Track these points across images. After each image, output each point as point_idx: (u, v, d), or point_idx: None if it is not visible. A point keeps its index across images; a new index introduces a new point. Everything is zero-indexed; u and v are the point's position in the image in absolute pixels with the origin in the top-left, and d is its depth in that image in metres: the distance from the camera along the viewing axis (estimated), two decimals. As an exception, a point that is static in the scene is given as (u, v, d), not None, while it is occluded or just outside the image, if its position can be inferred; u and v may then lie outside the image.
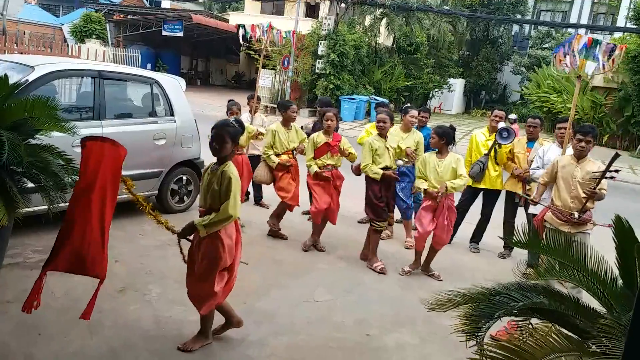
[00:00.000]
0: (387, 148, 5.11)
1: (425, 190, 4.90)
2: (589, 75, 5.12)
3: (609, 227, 3.87)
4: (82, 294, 2.79)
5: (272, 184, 5.67)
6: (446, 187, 4.77)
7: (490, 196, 6.00)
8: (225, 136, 3.14)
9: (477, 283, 2.49)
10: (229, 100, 6.27)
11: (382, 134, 5.12)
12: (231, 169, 3.12)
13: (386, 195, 5.13)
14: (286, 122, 5.63)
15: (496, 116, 5.97)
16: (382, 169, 5.03)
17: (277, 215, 5.64)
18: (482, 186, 5.90)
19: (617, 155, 3.72)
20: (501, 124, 5.96)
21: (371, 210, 5.10)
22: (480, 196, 6.06)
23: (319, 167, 5.29)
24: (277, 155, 5.54)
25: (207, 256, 3.10)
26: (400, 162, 5.75)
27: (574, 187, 4.14)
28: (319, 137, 5.34)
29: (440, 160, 4.88)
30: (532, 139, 5.75)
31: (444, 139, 4.86)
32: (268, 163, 5.57)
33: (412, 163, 5.58)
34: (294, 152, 5.66)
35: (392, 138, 5.67)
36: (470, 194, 5.98)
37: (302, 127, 6.65)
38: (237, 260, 3.27)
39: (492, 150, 5.84)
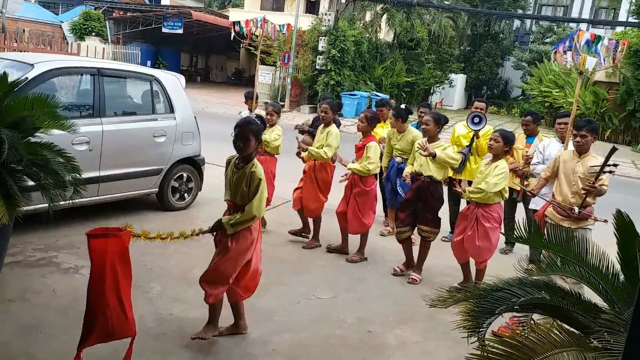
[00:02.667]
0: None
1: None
2: (589, 70, 5.10)
3: (605, 222, 3.88)
4: (84, 293, 2.81)
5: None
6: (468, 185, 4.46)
7: None
8: (249, 134, 3.17)
9: (479, 279, 2.48)
10: (266, 103, 6.18)
11: (428, 136, 4.82)
12: (259, 170, 3.19)
13: (415, 205, 4.80)
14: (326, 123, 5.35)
15: (477, 108, 5.93)
16: (416, 174, 4.80)
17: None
18: (462, 177, 5.79)
19: (614, 150, 3.71)
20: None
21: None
22: None
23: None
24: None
25: (240, 246, 3.20)
26: (398, 159, 5.72)
27: (575, 182, 4.12)
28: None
29: (489, 166, 4.42)
30: (530, 135, 5.75)
31: (507, 145, 4.37)
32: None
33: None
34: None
35: (390, 138, 5.80)
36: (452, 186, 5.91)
37: (301, 124, 6.63)
38: (255, 257, 3.34)
39: (472, 142, 5.76)
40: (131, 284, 2.87)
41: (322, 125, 5.37)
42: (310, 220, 5.51)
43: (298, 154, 5.53)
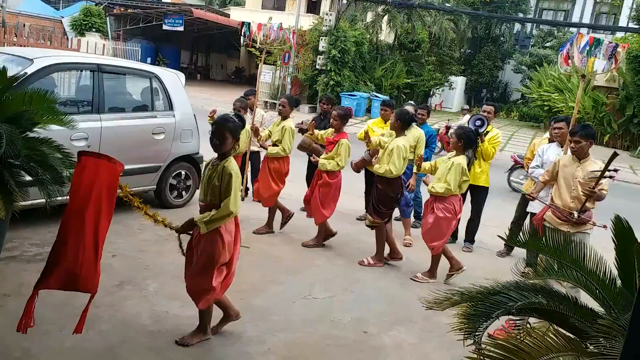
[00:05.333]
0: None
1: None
2: (597, 72, 5.11)
3: (605, 227, 3.87)
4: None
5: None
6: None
7: (476, 192, 5.92)
8: (225, 132, 3.12)
9: (476, 282, 2.48)
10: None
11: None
12: (232, 165, 3.12)
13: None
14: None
15: (485, 111, 5.89)
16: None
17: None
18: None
19: (615, 155, 3.72)
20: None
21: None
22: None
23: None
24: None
25: (206, 251, 3.11)
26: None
27: (574, 187, 4.12)
28: (326, 134, 5.41)
29: (449, 160, 4.75)
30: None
31: (461, 141, 4.69)
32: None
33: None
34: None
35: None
36: None
37: (301, 123, 6.63)
38: (236, 256, 3.28)
39: (477, 145, 5.74)
40: (107, 229, 2.68)
41: (280, 118, 5.64)
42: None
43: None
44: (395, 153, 4.87)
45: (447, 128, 5.63)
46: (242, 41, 7.87)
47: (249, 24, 7.52)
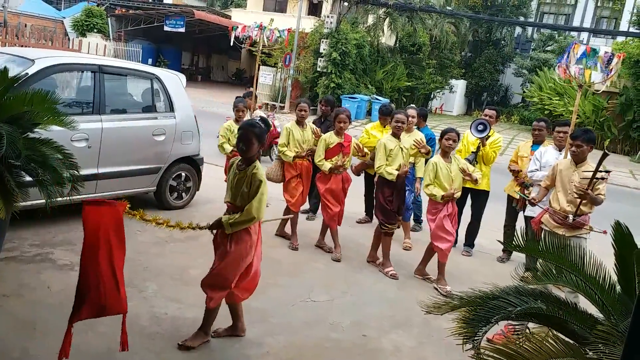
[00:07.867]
0: (402, 149, 5.07)
1: (442, 196, 4.70)
2: (594, 83, 5.14)
3: (604, 233, 3.86)
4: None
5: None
6: (476, 180, 4.91)
7: (476, 196, 5.91)
8: (252, 137, 3.19)
9: (475, 286, 2.48)
10: (237, 97, 6.25)
11: (397, 134, 5.11)
12: (260, 172, 3.21)
13: (397, 199, 5.03)
14: (300, 121, 5.58)
15: (486, 115, 5.88)
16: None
17: (284, 224, 5.65)
18: (465, 185, 5.78)
19: (605, 155, 3.73)
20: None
21: (382, 213, 5.02)
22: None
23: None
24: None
25: (238, 250, 3.19)
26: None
27: (571, 191, 4.13)
28: (331, 138, 5.27)
29: (449, 164, 4.80)
30: (537, 142, 5.67)
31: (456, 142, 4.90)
32: (282, 160, 5.49)
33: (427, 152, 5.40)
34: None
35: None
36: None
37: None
38: (256, 259, 3.33)
39: (478, 149, 5.75)
40: (124, 259, 2.84)
41: (304, 125, 5.55)
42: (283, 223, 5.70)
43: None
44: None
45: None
46: (231, 43, 8.04)
47: (237, 27, 7.66)
